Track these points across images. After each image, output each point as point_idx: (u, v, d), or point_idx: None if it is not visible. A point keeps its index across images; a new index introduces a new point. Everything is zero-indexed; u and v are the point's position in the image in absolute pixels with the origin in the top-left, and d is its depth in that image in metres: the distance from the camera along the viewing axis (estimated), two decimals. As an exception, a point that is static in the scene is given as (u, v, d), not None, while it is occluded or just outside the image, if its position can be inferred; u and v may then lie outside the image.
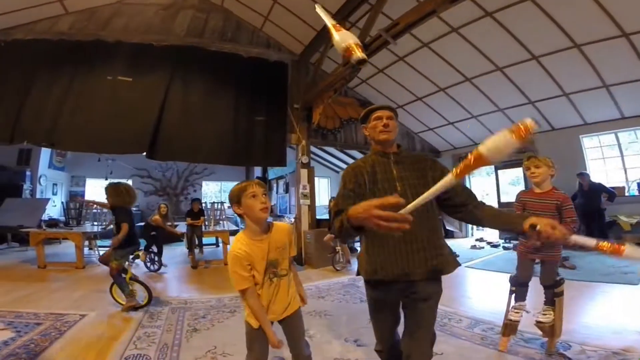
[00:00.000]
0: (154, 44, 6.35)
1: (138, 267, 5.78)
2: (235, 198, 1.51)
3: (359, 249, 7.03)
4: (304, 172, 6.73)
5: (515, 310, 2.43)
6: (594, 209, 6.01)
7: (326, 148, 10.40)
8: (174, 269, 5.75)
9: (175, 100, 6.04)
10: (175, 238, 6.80)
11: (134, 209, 9.04)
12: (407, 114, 8.49)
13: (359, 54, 1.20)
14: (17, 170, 8.74)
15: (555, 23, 4.91)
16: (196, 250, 6.34)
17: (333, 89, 5.69)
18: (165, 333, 2.80)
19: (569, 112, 6.56)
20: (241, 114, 6.48)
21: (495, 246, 7.46)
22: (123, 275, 3.40)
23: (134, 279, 3.55)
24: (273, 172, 11.59)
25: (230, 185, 13.94)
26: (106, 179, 10.69)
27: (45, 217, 7.22)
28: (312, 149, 7.86)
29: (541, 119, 7.02)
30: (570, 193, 6.50)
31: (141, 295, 3.54)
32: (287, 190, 11.33)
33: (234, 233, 9.77)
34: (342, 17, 5.70)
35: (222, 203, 8.53)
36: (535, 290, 2.55)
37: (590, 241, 1.11)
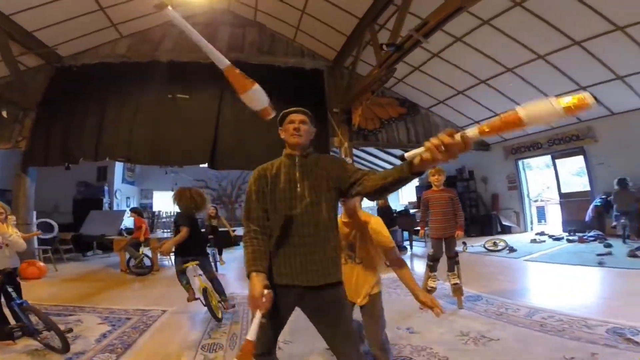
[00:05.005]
0: (201, 61, 7.00)
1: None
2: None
3: (407, 247, 7.01)
4: (347, 174, 6.93)
5: (432, 280, 3.27)
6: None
7: (368, 149, 10.47)
8: (236, 268, 6.22)
9: (228, 113, 6.61)
10: (233, 242, 7.31)
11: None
12: (449, 109, 8.30)
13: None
14: (97, 186, 10.06)
15: (589, 7, 4.69)
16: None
17: (370, 91, 5.84)
18: (234, 324, 3.13)
19: (628, 95, 6.11)
20: (286, 122, 6.87)
21: (558, 239, 6.99)
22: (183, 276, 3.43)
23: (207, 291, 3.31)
24: (318, 176, 11.97)
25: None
26: (172, 190, 11.80)
27: (122, 227, 8.19)
28: (354, 150, 8.01)
29: (597, 104, 6.54)
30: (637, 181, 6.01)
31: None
32: (332, 193, 11.63)
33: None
34: (370, 20, 5.85)
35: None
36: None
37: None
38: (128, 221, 10.20)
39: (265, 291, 1.26)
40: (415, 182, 11.94)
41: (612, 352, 2.05)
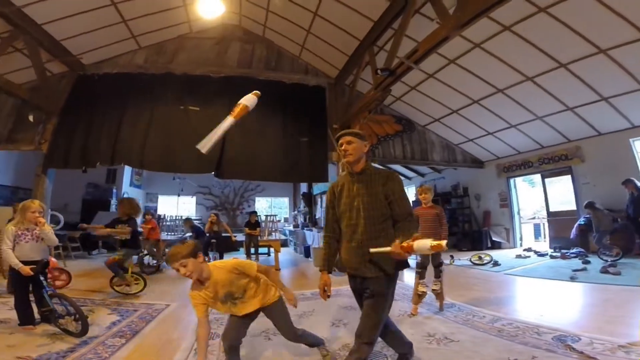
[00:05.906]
0: (211, 75, 7.48)
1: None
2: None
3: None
4: (345, 187, 7.33)
5: (422, 285, 3.61)
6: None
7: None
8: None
9: (235, 126, 7.02)
10: (233, 247, 7.70)
11: (197, 222, 10.32)
12: (444, 127, 8.69)
13: None
14: (106, 187, 10.54)
15: (573, 31, 4.99)
16: (253, 257, 7.15)
17: (367, 110, 6.23)
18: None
19: (613, 116, 6.35)
20: (288, 136, 7.33)
21: (542, 255, 7.29)
22: (119, 267, 4.42)
23: (136, 273, 4.64)
24: (317, 188, 12.26)
25: (278, 200, 15.04)
26: (178, 196, 12.32)
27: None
28: (352, 164, 8.39)
29: (584, 124, 6.87)
30: (622, 200, 6.21)
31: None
32: (330, 204, 11.96)
33: (284, 243, 10.47)
34: (369, 42, 6.29)
35: (274, 216, 9.40)
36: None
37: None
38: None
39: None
40: (412, 197, 12.29)
41: (550, 356, 2.34)
